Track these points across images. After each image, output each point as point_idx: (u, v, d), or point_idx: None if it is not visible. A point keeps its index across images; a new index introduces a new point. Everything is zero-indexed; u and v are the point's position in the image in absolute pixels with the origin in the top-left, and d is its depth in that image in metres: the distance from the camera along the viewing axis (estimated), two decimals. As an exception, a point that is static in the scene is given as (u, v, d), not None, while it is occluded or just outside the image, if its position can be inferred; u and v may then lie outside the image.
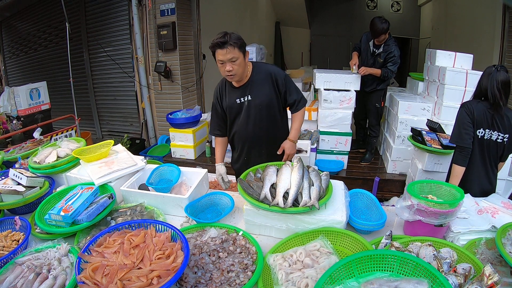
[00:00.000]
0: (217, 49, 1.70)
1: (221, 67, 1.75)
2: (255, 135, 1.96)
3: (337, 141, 3.66)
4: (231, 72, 1.74)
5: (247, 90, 1.88)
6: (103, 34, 5.10)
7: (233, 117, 1.96)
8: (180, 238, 1.13)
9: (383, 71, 3.36)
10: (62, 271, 1.14)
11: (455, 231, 1.33)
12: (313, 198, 1.34)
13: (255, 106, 1.89)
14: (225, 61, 1.71)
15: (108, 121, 5.73)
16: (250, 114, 1.90)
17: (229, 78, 1.80)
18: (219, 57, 1.71)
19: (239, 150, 2.07)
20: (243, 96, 1.89)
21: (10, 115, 4.43)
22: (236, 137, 2.02)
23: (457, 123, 1.85)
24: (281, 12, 8.98)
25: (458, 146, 1.83)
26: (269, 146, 2.00)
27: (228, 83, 1.92)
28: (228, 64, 1.72)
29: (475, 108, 1.78)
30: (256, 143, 1.99)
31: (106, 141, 2.06)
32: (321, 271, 1.05)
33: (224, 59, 1.70)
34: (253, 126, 1.93)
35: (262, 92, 1.88)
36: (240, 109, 1.91)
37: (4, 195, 1.58)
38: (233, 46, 1.68)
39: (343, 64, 8.19)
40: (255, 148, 2.00)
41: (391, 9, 8.27)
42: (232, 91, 1.92)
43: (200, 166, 3.22)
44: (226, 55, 1.69)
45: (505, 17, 3.58)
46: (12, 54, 6.90)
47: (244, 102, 1.89)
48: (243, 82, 1.88)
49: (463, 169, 1.82)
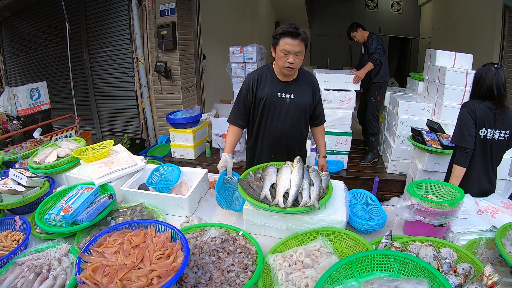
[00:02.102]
0: (287, 38, 1.64)
1: (283, 57, 1.69)
2: (287, 135, 1.91)
3: (337, 141, 3.66)
4: (293, 65, 1.70)
5: (292, 87, 1.84)
6: (103, 34, 5.10)
7: (267, 110, 1.86)
8: (180, 238, 1.13)
9: (372, 60, 3.52)
10: (62, 271, 1.14)
11: (455, 231, 1.33)
12: (313, 198, 1.34)
13: (296, 106, 1.86)
14: (291, 52, 1.67)
15: (108, 121, 5.73)
16: (289, 112, 1.86)
17: (287, 70, 1.75)
18: (285, 46, 1.65)
19: (266, 146, 1.97)
20: (287, 92, 1.84)
21: (10, 115, 4.43)
22: (268, 132, 1.93)
23: (459, 123, 1.84)
24: (281, 12, 8.98)
25: (460, 147, 1.81)
26: (296, 148, 1.98)
27: (271, 74, 1.85)
28: (293, 56, 1.68)
29: (478, 108, 1.77)
30: (287, 143, 1.95)
31: (106, 141, 2.06)
32: (321, 271, 1.05)
33: (291, 50, 1.66)
34: (289, 125, 1.89)
35: (305, 94, 1.87)
36: (279, 104, 1.85)
37: (4, 195, 1.58)
38: (302, 41, 1.66)
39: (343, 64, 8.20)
40: (284, 147, 1.95)
41: (391, 9, 8.27)
42: (275, 83, 1.84)
43: (200, 166, 3.21)
44: (295, 46, 1.65)
45: (505, 17, 3.58)
46: (12, 54, 6.90)
47: (285, 98, 1.84)
48: (289, 79, 1.84)
49: (464, 170, 1.82)
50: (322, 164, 2.03)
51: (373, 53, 3.52)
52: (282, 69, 1.76)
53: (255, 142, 2.00)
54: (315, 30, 9.02)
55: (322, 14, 8.75)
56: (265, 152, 1.98)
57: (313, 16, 8.78)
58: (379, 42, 3.56)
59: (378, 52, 3.49)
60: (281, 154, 1.94)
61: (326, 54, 8.80)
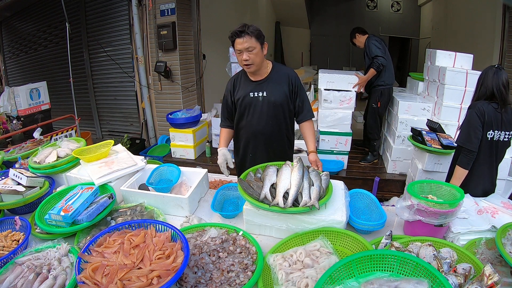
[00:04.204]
0: (236, 38, 1.74)
1: (238, 56, 1.79)
2: (265, 131, 1.96)
3: (337, 141, 3.66)
4: (248, 62, 1.77)
5: (264, 85, 1.89)
6: (103, 34, 5.11)
7: (243, 110, 1.95)
8: (180, 238, 1.13)
9: (374, 66, 3.48)
10: (62, 271, 1.14)
11: (455, 231, 1.33)
12: (313, 198, 1.34)
13: (269, 103, 1.90)
14: (242, 50, 1.75)
15: (108, 121, 5.73)
16: (263, 110, 1.91)
17: (246, 68, 1.83)
18: (237, 46, 1.75)
19: (244, 144, 2.05)
20: (259, 91, 1.90)
21: (10, 115, 4.43)
22: (245, 131, 2.01)
23: (467, 125, 1.81)
24: (281, 12, 8.98)
25: (465, 149, 1.80)
26: (274, 144, 2.01)
27: (245, 76, 1.94)
28: (245, 53, 1.75)
29: (486, 109, 1.75)
30: (264, 139, 1.98)
31: (106, 141, 2.06)
32: (321, 271, 1.05)
33: (241, 48, 1.74)
34: (265, 122, 1.93)
35: (278, 90, 1.89)
36: (253, 103, 1.92)
37: (4, 195, 1.58)
38: (250, 36, 1.72)
39: (343, 64, 8.21)
40: (262, 144, 2.00)
41: (391, 9, 8.27)
42: (247, 84, 1.93)
43: (200, 166, 3.22)
44: (243, 44, 1.73)
45: (505, 17, 3.58)
46: (12, 54, 6.90)
47: (258, 97, 1.90)
48: (261, 77, 1.90)
49: (466, 172, 1.81)
50: (314, 160, 1.87)
51: (374, 57, 3.46)
52: (243, 67, 1.85)
53: (237, 142, 2.12)
54: (315, 30, 9.02)
55: (322, 14, 8.75)
56: (245, 150, 2.06)
57: (313, 16, 8.78)
58: (377, 45, 3.50)
59: (380, 55, 3.42)
60: (259, 151, 2.01)
61: (326, 54, 8.80)
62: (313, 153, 1.90)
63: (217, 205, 1.63)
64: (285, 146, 2.06)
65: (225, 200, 1.76)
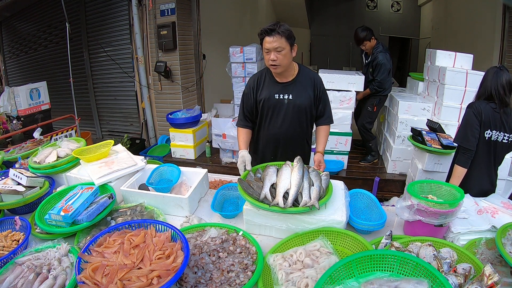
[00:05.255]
0: (265, 36, 1.67)
1: (266, 55, 1.72)
2: (287, 135, 1.91)
3: (337, 141, 3.66)
4: (276, 62, 1.70)
5: (290, 88, 1.83)
6: (103, 34, 5.11)
7: (266, 111, 1.89)
8: (180, 238, 1.13)
9: (370, 88, 3.50)
10: (62, 271, 1.14)
11: (455, 231, 1.33)
12: (313, 198, 1.34)
13: (294, 106, 1.85)
14: (271, 50, 1.68)
15: (108, 121, 5.73)
16: (288, 113, 1.86)
17: (273, 68, 1.75)
18: (265, 45, 1.68)
19: (265, 145, 1.99)
20: (285, 93, 1.84)
21: (10, 115, 4.43)
22: (267, 133, 1.95)
23: (464, 123, 1.82)
24: (281, 12, 8.98)
25: (462, 147, 1.81)
26: (295, 148, 1.96)
27: (270, 76, 1.87)
28: (273, 53, 1.68)
29: (483, 109, 1.76)
30: (286, 142, 1.94)
31: (106, 141, 2.06)
32: (321, 271, 1.05)
33: (270, 47, 1.67)
34: (288, 125, 1.88)
35: (304, 94, 1.84)
36: (277, 105, 1.86)
37: (4, 195, 1.58)
38: (280, 35, 1.65)
39: (343, 64, 8.21)
40: (283, 146, 1.95)
41: (391, 9, 8.27)
42: (272, 85, 1.86)
43: (200, 166, 3.22)
44: (272, 43, 1.66)
45: (505, 17, 3.58)
46: (12, 54, 6.90)
47: (283, 99, 1.84)
48: (287, 80, 1.84)
49: (465, 171, 1.82)
50: (319, 160, 1.83)
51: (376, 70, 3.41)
52: (269, 68, 1.78)
53: (256, 143, 2.04)
54: (315, 30, 9.03)
55: (322, 14, 8.75)
56: (265, 153, 2.00)
57: (313, 16, 8.78)
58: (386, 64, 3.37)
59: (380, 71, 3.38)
60: (280, 154, 1.95)
61: (326, 54, 8.80)
62: (319, 154, 1.87)
63: (217, 205, 1.63)
64: (305, 150, 2.04)
65: (225, 200, 1.76)
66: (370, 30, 3.51)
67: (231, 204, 1.73)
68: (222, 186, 1.78)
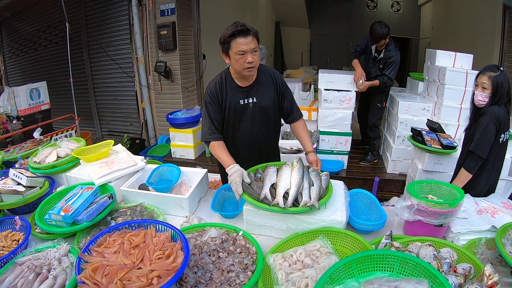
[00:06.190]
0: (239, 37, 1.53)
1: (241, 58, 1.57)
2: (258, 140, 1.85)
3: (337, 141, 3.66)
4: (253, 64, 1.58)
5: (253, 91, 1.75)
6: (103, 34, 5.10)
7: (232, 119, 1.79)
8: (180, 238, 1.13)
9: (381, 81, 3.38)
10: (62, 271, 1.14)
11: (455, 231, 1.33)
12: (313, 198, 1.34)
13: (260, 109, 1.77)
14: (247, 51, 1.55)
15: (108, 121, 5.73)
16: (255, 117, 1.78)
17: (248, 71, 1.62)
18: (240, 46, 1.54)
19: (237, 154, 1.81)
20: (248, 97, 1.75)
21: (10, 115, 4.43)
22: (238, 141, 1.86)
23: (482, 132, 1.78)
24: (281, 12, 8.97)
25: (476, 154, 1.81)
26: (267, 150, 1.94)
27: (230, 81, 1.74)
28: (250, 55, 1.56)
29: (501, 115, 1.76)
30: (257, 147, 1.88)
31: (106, 141, 2.06)
32: (321, 271, 1.05)
33: (246, 48, 1.54)
34: (257, 129, 1.82)
35: (267, 95, 1.77)
36: (243, 111, 1.77)
37: (4, 195, 1.58)
38: (255, 36, 1.56)
39: (343, 64, 8.20)
40: (255, 152, 1.89)
41: (391, 9, 8.27)
42: (235, 91, 1.74)
43: (200, 166, 3.22)
44: (249, 44, 1.54)
45: (505, 17, 3.58)
46: (12, 54, 6.90)
47: (248, 103, 1.76)
48: (249, 82, 1.74)
49: (470, 176, 1.83)
50: (315, 160, 1.75)
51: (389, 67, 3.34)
52: (242, 71, 1.63)
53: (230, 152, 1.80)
54: (315, 30, 9.01)
55: (322, 14, 8.74)
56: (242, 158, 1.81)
57: (313, 16, 8.77)
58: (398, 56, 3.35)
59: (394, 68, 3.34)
60: (254, 160, 1.83)
61: (326, 54, 8.78)
62: (312, 153, 1.80)
63: (217, 205, 1.63)
64: (276, 150, 2.00)
65: (225, 200, 1.76)
66: (389, 27, 3.36)
67: (231, 204, 1.73)
68: (222, 186, 1.77)
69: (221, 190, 1.74)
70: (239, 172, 1.49)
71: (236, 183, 1.44)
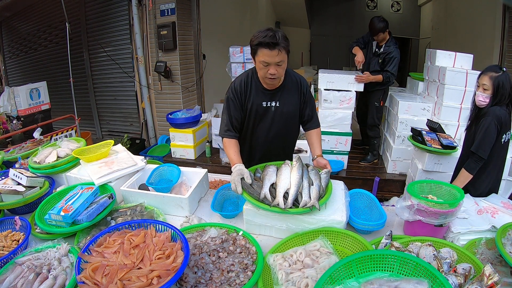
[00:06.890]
0: (265, 48, 1.49)
1: (263, 68, 1.55)
2: (273, 144, 1.84)
3: (337, 141, 3.66)
4: (275, 76, 1.56)
5: (278, 95, 1.73)
6: (103, 34, 5.11)
7: (252, 120, 1.78)
8: (180, 238, 1.13)
9: (384, 76, 3.41)
10: (62, 271, 1.14)
11: (455, 231, 1.33)
12: (313, 198, 1.34)
13: (281, 114, 1.76)
14: (271, 64, 1.52)
15: (108, 121, 5.73)
16: (275, 121, 1.77)
17: (270, 81, 1.62)
18: (264, 58, 1.51)
19: (253, 154, 1.90)
20: (272, 100, 1.73)
21: (10, 115, 4.44)
22: (254, 143, 1.86)
23: (484, 133, 1.78)
24: (281, 12, 8.98)
25: (477, 155, 1.81)
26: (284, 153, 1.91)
27: (255, 82, 1.72)
28: (273, 67, 1.53)
29: (503, 116, 1.76)
30: (273, 152, 1.86)
31: (106, 141, 2.06)
32: (321, 271, 1.05)
33: (271, 61, 1.51)
34: (274, 134, 1.81)
35: (291, 100, 1.76)
36: (265, 113, 1.76)
37: (4, 195, 1.58)
38: (283, 49, 1.49)
39: (343, 64, 8.20)
40: (272, 154, 1.86)
41: (391, 9, 8.27)
42: (260, 92, 1.72)
43: (200, 166, 3.22)
44: (275, 57, 1.50)
45: (505, 17, 3.58)
46: (12, 54, 6.90)
47: (271, 107, 1.74)
48: (275, 86, 1.71)
49: (471, 177, 1.84)
50: (324, 163, 1.69)
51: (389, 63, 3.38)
52: (263, 79, 1.65)
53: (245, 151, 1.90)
54: (315, 30, 9.02)
55: (322, 14, 8.74)
56: (256, 159, 1.89)
57: (313, 16, 8.78)
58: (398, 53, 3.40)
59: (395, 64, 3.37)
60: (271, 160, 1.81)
61: (326, 54, 8.79)
62: (320, 157, 1.76)
63: (217, 205, 1.63)
64: (291, 153, 2.00)
65: (225, 200, 1.76)
66: (387, 22, 3.44)
67: (231, 204, 1.73)
68: (222, 186, 1.77)
69: (221, 190, 1.74)
70: (239, 172, 1.49)
71: (235, 183, 1.45)
